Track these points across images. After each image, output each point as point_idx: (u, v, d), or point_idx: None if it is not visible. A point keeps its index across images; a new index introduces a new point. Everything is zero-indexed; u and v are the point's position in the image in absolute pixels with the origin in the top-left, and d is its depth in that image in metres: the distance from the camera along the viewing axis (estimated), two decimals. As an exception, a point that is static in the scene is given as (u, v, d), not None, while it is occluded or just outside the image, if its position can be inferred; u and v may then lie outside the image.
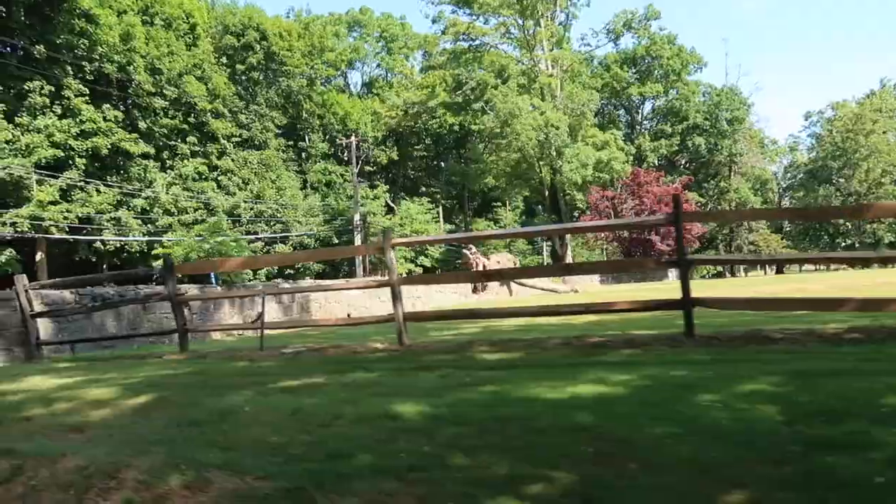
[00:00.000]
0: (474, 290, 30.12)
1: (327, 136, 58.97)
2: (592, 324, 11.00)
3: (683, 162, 64.54)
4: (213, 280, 27.82)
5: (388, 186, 67.69)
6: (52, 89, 34.88)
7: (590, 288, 41.00)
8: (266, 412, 4.98)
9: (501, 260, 32.71)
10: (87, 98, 36.49)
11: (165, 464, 3.75)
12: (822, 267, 78.60)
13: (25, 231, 32.31)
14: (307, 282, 32.30)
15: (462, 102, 44.90)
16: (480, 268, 29.93)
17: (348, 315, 19.64)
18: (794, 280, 33.82)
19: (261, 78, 50.11)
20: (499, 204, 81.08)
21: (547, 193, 46.72)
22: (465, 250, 31.00)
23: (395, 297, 9.00)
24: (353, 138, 50.59)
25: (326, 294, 19.78)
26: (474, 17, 45.42)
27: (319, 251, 39.11)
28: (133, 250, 41.25)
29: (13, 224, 32.09)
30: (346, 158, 62.76)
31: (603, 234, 56.39)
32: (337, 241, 52.90)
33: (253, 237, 46.21)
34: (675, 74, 58.73)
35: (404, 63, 72.13)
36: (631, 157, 47.79)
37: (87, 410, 5.76)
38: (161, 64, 40.07)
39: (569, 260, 45.44)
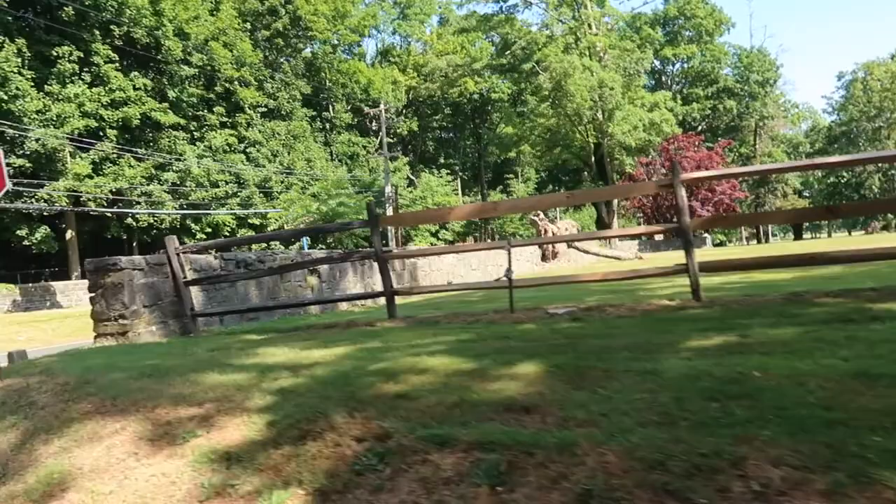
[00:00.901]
0: (543, 258, 28.52)
1: (350, 106, 56.79)
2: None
3: (715, 125, 62.74)
4: (304, 244, 26.00)
5: (407, 158, 65.73)
6: (81, 55, 32.68)
7: (643, 253, 39.32)
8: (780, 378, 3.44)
9: (567, 227, 31.09)
10: (116, 65, 34.30)
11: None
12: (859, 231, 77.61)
13: (64, 206, 30.32)
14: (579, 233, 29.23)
15: (507, 64, 42.80)
16: (550, 234, 28.32)
17: (448, 283, 17.98)
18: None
19: (284, 45, 47.78)
20: (511, 176, 79.43)
21: (593, 159, 44.89)
22: (533, 217, 29.33)
23: (688, 244, 7.29)
24: (381, 107, 48.48)
25: (430, 260, 18.09)
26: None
27: (594, 191, 35.26)
28: (164, 227, 39.30)
29: (48, 199, 30.07)
30: (373, 128, 60.77)
31: (628, 202, 54.81)
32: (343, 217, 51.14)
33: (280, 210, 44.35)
34: (708, 35, 56.75)
35: (422, 29, 69.68)
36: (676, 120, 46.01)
37: (467, 384, 4.17)
38: (189, 28, 37.78)
39: (615, 226, 43.88)
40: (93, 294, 8.98)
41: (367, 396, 4.25)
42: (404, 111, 66.28)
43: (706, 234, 63.00)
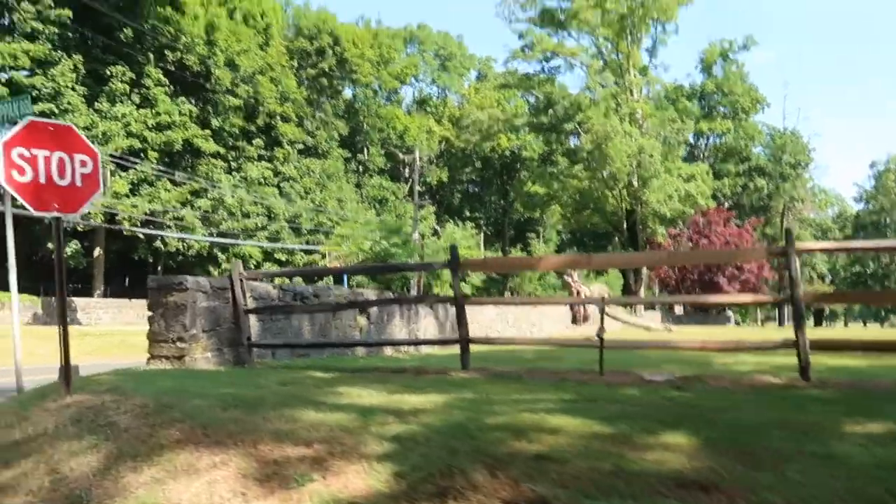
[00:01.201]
0: (574, 320, 27.99)
1: (385, 151, 57.33)
2: None
3: (742, 202, 62.49)
4: (344, 282, 25.66)
5: (434, 207, 65.94)
6: (133, 77, 33.28)
7: (654, 326, 38.43)
8: None
9: (599, 290, 30.64)
10: (165, 89, 34.87)
11: None
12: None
13: (100, 223, 30.37)
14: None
15: (546, 123, 43.08)
16: (583, 296, 27.89)
17: (487, 336, 17.51)
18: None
19: (327, 84, 48.57)
20: (532, 235, 79.45)
21: (625, 224, 44.62)
22: (566, 278, 28.94)
23: (800, 318, 6.83)
24: (416, 154, 48.82)
25: (471, 312, 17.64)
26: (559, 36, 43.82)
27: (695, 254, 33.89)
28: (190, 253, 39.24)
29: (86, 215, 30.14)
30: (404, 175, 61.18)
31: (652, 271, 54.16)
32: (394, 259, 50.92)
33: (311, 248, 44.29)
34: (744, 112, 57.06)
35: (460, 82, 70.87)
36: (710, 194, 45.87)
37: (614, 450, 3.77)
38: (239, 60, 38.51)
39: (641, 294, 43.31)
40: (151, 313, 8.65)
41: (500, 454, 3.83)
42: (435, 161, 66.84)
43: (729, 312, 62.19)
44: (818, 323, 77.30)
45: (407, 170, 52.34)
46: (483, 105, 65.34)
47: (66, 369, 5.76)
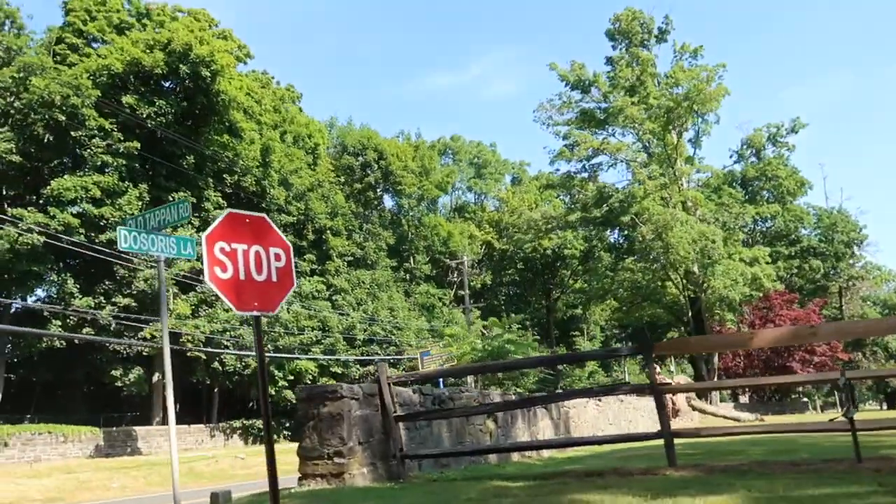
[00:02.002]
0: (664, 416, 26.30)
1: (430, 258, 57.42)
2: None
3: (798, 285, 60.62)
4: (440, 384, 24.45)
5: (479, 312, 65.23)
6: (194, 200, 33.99)
7: (743, 416, 36.19)
8: None
9: (682, 381, 29.02)
10: (222, 210, 35.55)
11: None
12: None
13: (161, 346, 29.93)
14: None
15: (600, 217, 42.90)
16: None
17: (595, 434, 16.24)
18: None
19: (373, 197, 49.38)
20: (577, 333, 77.90)
21: (690, 313, 43.23)
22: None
23: None
24: (465, 259, 48.75)
25: (577, 410, 16.47)
26: (599, 135, 44.52)
27: None
28: (246, 374, 38.50)
29: (151, 338, 29.87)
30: (448, 280, 60.91)
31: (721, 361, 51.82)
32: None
33: (366, 358, 43.39)
34: (790, 195, 56.54)
35: (498, 187, 71.93)
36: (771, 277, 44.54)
37: None
38: (292, 179, 39.39)
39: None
40: (303, 426, 7.85)
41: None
42: (477, 265, 66.78)
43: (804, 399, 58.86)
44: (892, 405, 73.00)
45: (455, 274, 52.00)
46: (521, 207, 65.97)
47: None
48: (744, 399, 58.71)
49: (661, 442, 7.20)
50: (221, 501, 7.07)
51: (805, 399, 58.07)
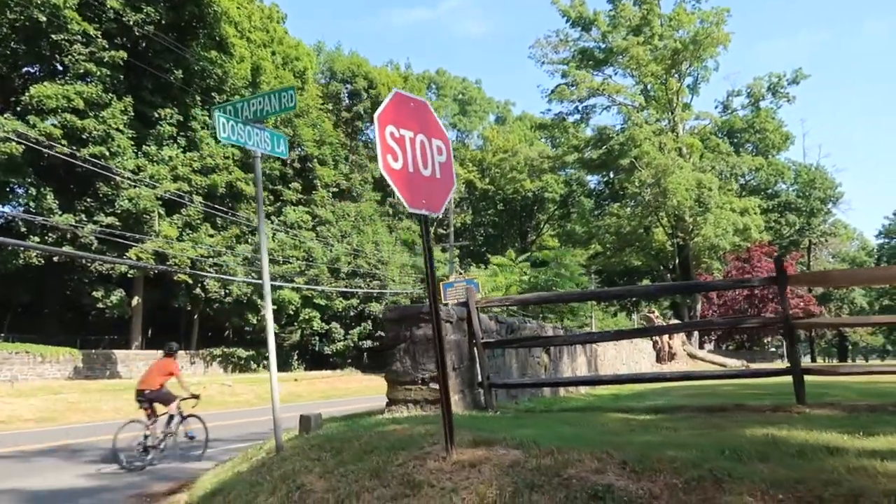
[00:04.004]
0: (659, 359, 26.49)
1: (413, 194, 56.42)
2: None
3: (773, 240, 61.54)
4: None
5: (457, 251, 64.89)
6: (181, 119, 32.29)
7: (729, 362, 36.86)
8: None
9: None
10: (212, 131, 33.89)
11: None
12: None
13: (152, 265, 28.82)
14: None
15: (596, 160, 42.24)
16: (665, 335, 26.48)
17: (617, 373, 16.05)
18: None
19: (361, 126, 47.81)
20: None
21: (677, 261, 43.34)
22: (647, 314, 27.55)
23: None
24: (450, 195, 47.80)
25: (602, 348, 16.21)
26: (599, 76, 43.40)
27: None
28: (227, 301, 37.59)
29: (139, 258, 28.65)
30: (437, 218, 59.86)
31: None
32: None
33: (351, 290, 42.80)
34: (775, 149, 56.61)
35: (480, 125, 70.60)
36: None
37: None
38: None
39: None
40: (391, 350, 7.23)
41: None
42: (459, 204, 66.03)
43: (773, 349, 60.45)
44: (842, 357, 76.04)
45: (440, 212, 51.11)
46: (510, 146, 64.93)
47: (448, 422, 4.32)
48: (709, 347, 60.14)
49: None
50: (313, 424, 6.49)
51: (773, 349, 59.67)
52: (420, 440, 4.92)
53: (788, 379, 6.53)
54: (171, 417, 10.28)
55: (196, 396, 10.66)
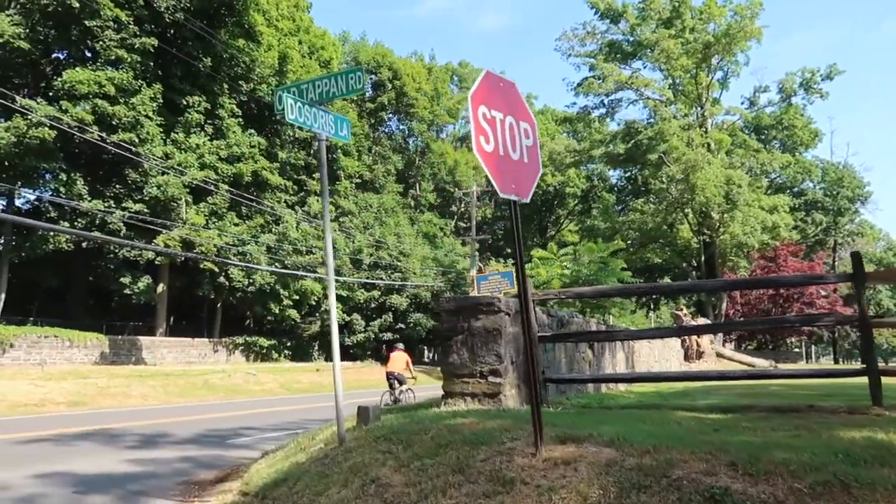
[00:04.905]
0: (687, 357, 26.15)
1: (435, 187, 56.20)
2: None
3: (801, 238, 60.74)
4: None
5: (477, 244, 64.66)
6: (208, 107, 32.29)
7: (756, 361, 36.36)
8: None
9: (701, 321, 28.84)
10: (238, 120, 33.91)
11: None
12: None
13: (180, 252, 28.88)
14: None
15: (622, 154, 41.76)
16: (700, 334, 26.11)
17: (650, 370, 15.79)
18: None
19: (384, 118, 47.64)
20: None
21: (703, 258, 42.82)
22: (677, 311, 27.20)
23: None
24: (473, 189, 47.62)
25: (639, 346, 15.96)
26: (627, 70, 42.85)
27: None
28: (250, 290, 37.60)
29: (164, 248, 28.72)
30: (451, 210, 59.82)
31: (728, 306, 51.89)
32: (450, 295, 49.41)
33: (373, 281, 42.76)
34: (803, 146, 55.74)
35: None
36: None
37: None
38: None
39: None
40: (448, 341, 7.07)
41: None
42: (480, 198, 65.75)
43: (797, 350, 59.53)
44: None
45: (462, 205, 50.92)
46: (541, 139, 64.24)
47: (540, 422, 4.15)
48: (730, 347, 59.46)
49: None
50: (371, 415, 6.35)
51: (796, 350, 58.99)
52: (497, 435, 4.76)
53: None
54: (402, 389, 15.54)
55: (414, 378, 16.22)
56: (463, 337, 6.98)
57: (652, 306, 64.07)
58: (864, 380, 6.79)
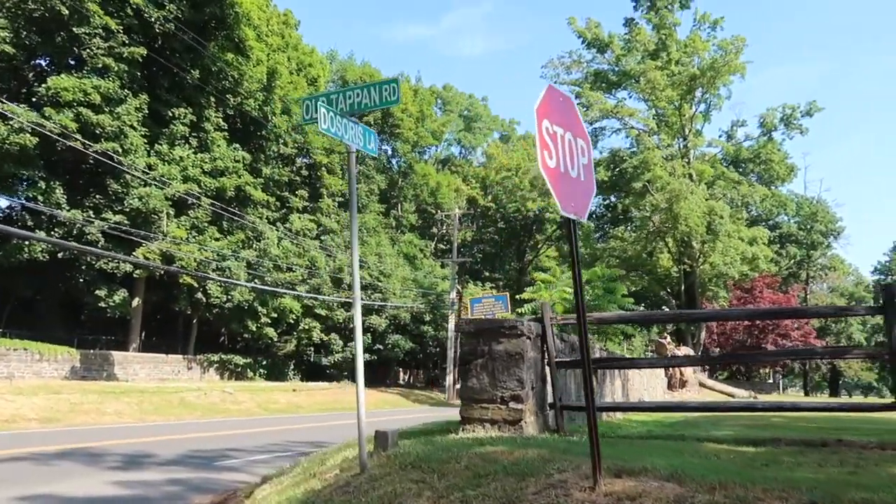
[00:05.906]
0: (670, 386, 26.14)
1: (417, 208, 56.07)
2: None
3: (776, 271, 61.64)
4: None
5: (457, 267, 64.48)
6: (194, 119, 31.87)
7: (737, 392, 36.52)
8: None
9: (687, 353, 28.91)
10: (224, 134, 33.50)
11: None
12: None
13: (159, 265, 28.24)
14: None
15: (607, 181, 42.05)
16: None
17: (641, 399, 15.67)
18: None
19: (370, 138, 47.49)
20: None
21: (682, 287, 43.16)
22: (661, 340, 27.21)
23: None
24: (455, 211, 47.67)
25: (629, 374, 15.84)
26: (612, 98, 43.39)
27: None
28: (227, 306, 36.86)
29: (143, 261, 28.05)
30: (432, 232, 59.60)
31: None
32: (429, 317, 49.19)
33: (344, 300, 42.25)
34: (779, 180, 56.78)
35: (484, 141, 70.54)
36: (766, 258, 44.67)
37: None
38: (295, 109, 37.38)
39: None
40: (466, 365, 6.84)
41: None
42: (461, 220, 65.76)
43: (774, 379, 60.10)
44: (833, 392, 75.77)
45: (443, 227, 50.79)
46: (509, 165, 64.82)
47: (597, 454, 3.94)
48: (704, 376, 59.81)
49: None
50: (390, 441, 6.08)
51: (770, 381, 59.51)
52: (540, 466, 4.53)
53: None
54: None
55: None
56: (483, 361, 6.76)
57: (628, 334, 64.43)
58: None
